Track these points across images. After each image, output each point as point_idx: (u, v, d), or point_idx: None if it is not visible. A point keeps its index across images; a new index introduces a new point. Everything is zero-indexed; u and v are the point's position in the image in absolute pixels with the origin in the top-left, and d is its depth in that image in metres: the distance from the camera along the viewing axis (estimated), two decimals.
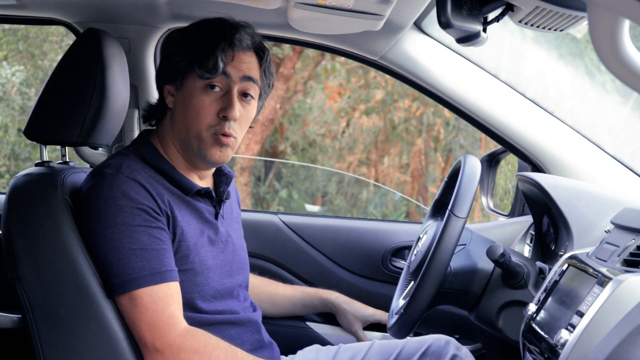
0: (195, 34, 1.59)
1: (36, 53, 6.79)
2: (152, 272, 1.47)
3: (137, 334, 1.47)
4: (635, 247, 1.32)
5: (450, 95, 2.07)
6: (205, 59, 1.55)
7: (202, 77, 1.56)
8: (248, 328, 1.67)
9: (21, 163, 6.68)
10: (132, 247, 1.46)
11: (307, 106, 7.32)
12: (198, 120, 1.56)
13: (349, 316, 2.00)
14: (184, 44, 1.59)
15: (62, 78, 1.62)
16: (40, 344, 1.49)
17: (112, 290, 1.48)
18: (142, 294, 1.46)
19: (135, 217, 1.47)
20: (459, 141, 7.09)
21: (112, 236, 1.46)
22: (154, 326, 1.46)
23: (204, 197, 1.64)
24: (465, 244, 1.73)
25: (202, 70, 1.55)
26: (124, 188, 1.48)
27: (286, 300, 2.01)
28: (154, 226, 1.49)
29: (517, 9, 1.41)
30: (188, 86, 1.58)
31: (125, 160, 1.55)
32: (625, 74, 0.74)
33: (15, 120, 6.68)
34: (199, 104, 1.56)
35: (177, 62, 1.58)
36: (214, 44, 1.56)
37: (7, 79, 6.66)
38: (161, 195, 1.53)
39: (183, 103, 1.59)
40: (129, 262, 1.46)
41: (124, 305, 1.48)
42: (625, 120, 2.43)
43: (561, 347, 1.26)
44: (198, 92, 1.57)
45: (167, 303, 1.47)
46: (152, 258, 1.47)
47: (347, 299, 2.02)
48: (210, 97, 1.57)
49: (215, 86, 1.57)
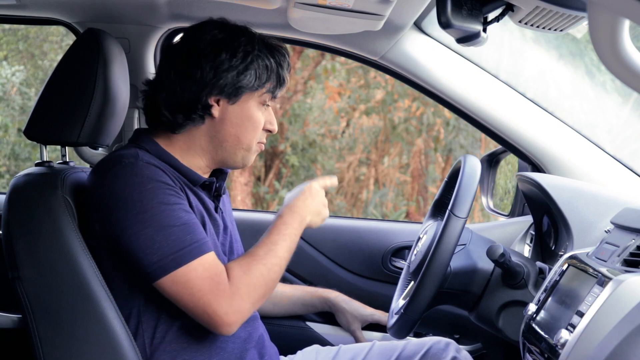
0: (266, 59, 1.61)
1: (36, 53, 6.79)
2: (200, 242, 1.48)
3: (196, 306, 1.46)
4: (635, 247, 1.32)
5: (450, 95, 2.07)
6: (274, 82, 1.62)
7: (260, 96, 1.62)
8: (246, 326, 1.67)
9: (21, 163, 6.68)
10: (177, 224, 1.47)
11: (307, 106, 7.32)
12: (254, 133, 1.62)
13: (348, 316, 2.01)
14: (254, 65, 1.59)
15: (62, 78, 1.62)
16: (40, 344, 1.49)
17: (165, 268, 1.45)
18: (197, 265, 1.46)
19: (169, 196, 1.49)
20: (459, 141, 7.09)
21: (153, 218, 1.45)
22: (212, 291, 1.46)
23: (205, 189, 1.65)
24: (465, 244, 1.73)
25: (268, 93, 1.62)
26: (147, 173, 1.49)
27: (286, 299, 2.02)
28: (184, 202, 1.52)
29: (517, 9, 1.41)
30: (247, 101, 1.61)
31: (137, 150, 1.55)
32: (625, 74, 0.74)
33: (15, 120, 6.68)
34: (257, 120, 1.63)
35: (244, 80, 1.58)
36: (282, 72, 1.63)
37: (7, 79, 6.66)
38: (176, 180, 1.55)
39: (239, 117, 1.60)
40: (179, 238, 1.46)
41: (178, 280, 1.45)
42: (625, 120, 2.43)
43: (561, 347, 1.26)
44: (256, 108, 1.62)
45: (217, 265, 1.49)
46: (195, 230, 1.49)
47: (346, 298, 2.03)
48: (264, 113, 1.65)
49: (267, 104, 1.65)
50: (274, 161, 7.28)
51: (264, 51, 1.61)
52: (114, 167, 1.50)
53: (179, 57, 1.59)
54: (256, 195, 7.11)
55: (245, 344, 1.63)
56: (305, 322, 2.11)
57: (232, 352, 1.60)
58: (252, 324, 1.69)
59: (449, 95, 2.08)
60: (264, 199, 7.14)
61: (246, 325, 1.66)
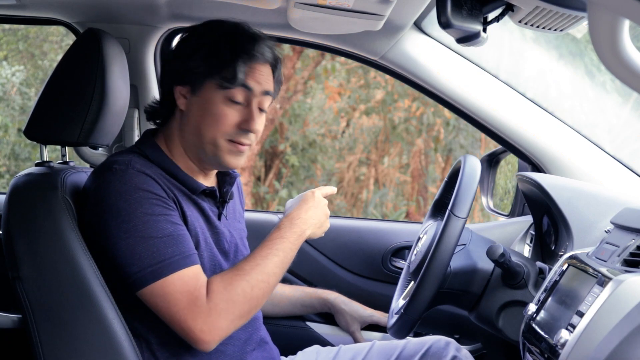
0: (216, 41, 1.57)
1: (36, 53, 6.79)
2: (182, 255, 1.47)
3: (172, 318, 1.45)
4: (635, 247, 1.32)
5: (450, 95, 2.07)
6: (225, 69, 1.55)
7: (222, 87, 1.55)
8: (247, 327, 1.67)
9: (21, 163, 6.68)
10: (159, 236, 1.46)
11: (307, 106, 7.32)
12: (216, 128, 1.56)
13: (347, 317, 2.01)
14: (204, 49, 1.56)
15: (62, 78, 1.62)
16: (40, 344, 1.49)
17: (145, 279, 1.45)
18: (174, 279, 1.45)
19: (155, 207, 1.47)
20: (459, 141, 7.09)
21: (136, 228, 1.45)
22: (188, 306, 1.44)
23: (208, 196, 1.64)
24: (465, 244, 1.73)
25: (222, 80, 1.55)
26: (136, 181, 1.48)
27: (285, 299, 2.02)
28: (172, 214, 1.50)
29: (517, 9, 1.41)
30: (207, 93, 1.56)
31: (133, 157, 1.54)
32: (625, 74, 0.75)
33: (15, 120, 6.68)
34: (219, 114, 1.56)
35: (195, 67, 1.56)
36: (235, 55, 1.55)
37: (7, 79, 6.66)
38: (170, 189, 1.54)
39: (200, 109, 1.57)
40: (159, 250, 1.45)
41: (156, 293, 1.45)
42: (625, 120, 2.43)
43: (561, 347, 1.26)
44: (219, 102, 1.56)
45: (197, 280, 1.47)
46: (179, 243, 1.47)
47: (345, 299, 2.03)
48: (232, 109, 1.57)
49: (237, 102, 1.57)
50: (274, 161, 7.28)
51: (219, 32, 1.58)
52: (105, 174, 1.51)
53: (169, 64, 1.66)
54: (256, 195, 7.11)
55: (246, 346, 1.63)
56: (305, 323, 2.11)
57: (233, 355, 1.59)
58: (253, 326, 1.69)
59: (449, 95, 2.08)
60: (264, 199, 7.13)
61: (247, 326, 1.66)
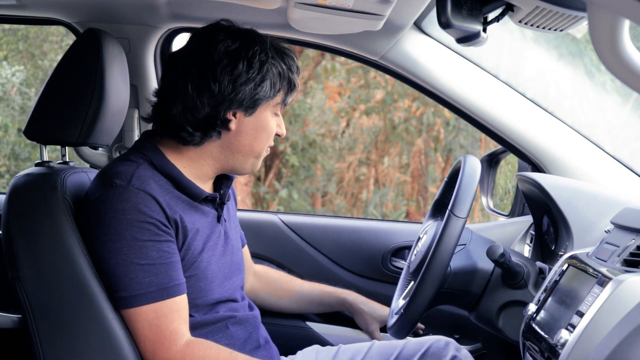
0: (279, 66, 1.59)
1: (36, 53, 6.78)
2: (159, 287, 1.47)
3: (140, 348, 1.49)
4: (635, 247, 1.32)
5: (450, 95, 2.07)
6: (284, 90, 1.62)
7: (279, 105, 1.63)
8: (247, 327, 1.67)
9: (21, 163, 6.67)
10: (140, 263, 1.47)
11: (307, 106, 7.32)
12: (267, 142, 1.64)
13: (367, 317, 1.99)
14: (269, 75, 1.58)
15: (62, 78, 1.62)
16: (40, 344, 1.49)
17: (118, 303, 1.49)
18: (148, 310, 1.47)
19: (145, 231, 1.47)
20: (459, 141, 7.09)
21: (121, 250, 1.46)
22: (156, 343, 1.47)
23: (208, 201, 1.64)
24: (465, 244, 1.73)
25: (283, 99, 1.63)
26: (134, 201, 1.47)
27: (304, 297, 2.00)
28: (162, 240, 1.49)
29: (517, 9, 1.41)
30: (263, 112, 1.60)
31: (136, 170, 1.52)
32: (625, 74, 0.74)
33: (15, 120, 6.67)
34: (272, 129, 1.63)
35: (263, 93, 1.57)
36: (292, 77, 1.63)
37: (7, 79, 6.65)
38: (170, 206, 1.52)
39: (255, 128, 1.60)
40: (136, 277, 1.46)
41: (128, 319, 1.49)
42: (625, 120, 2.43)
43: (561, 347, 1.26)
44: (270, 117, 1.62)
45: (172, 319, 1.48)
46: (160, 273, 1.48)
47: (364, 299, 2.00)
48: (276, 120, 1.65)
49: (278, 112, 1.66)
50: (274, 161, 7.28)
51: (276, 58, 1.60)
52: (105, 186, 1.50)
53: (194, 69, 1.55)
54: (256, 195, 7.11)
55: (245, 345, 1.64)
56: (305, 322, 2.11)
57: None
58: (252, 325, 1.69)
59: (449, 95, 2.07)
60: (264, 199, 7.13)
61: (246, 326, 1.67)
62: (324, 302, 2.01)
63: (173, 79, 1.57)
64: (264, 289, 1.98)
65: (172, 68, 1.60)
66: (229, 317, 1.63)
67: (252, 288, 1.97)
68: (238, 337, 1.62)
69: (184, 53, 1.60)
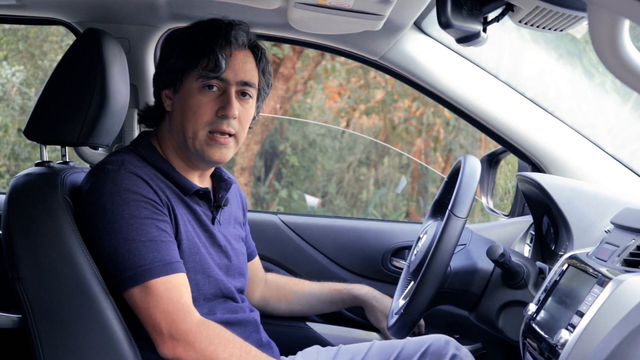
0: (192, 35, 1.60)
1: (36, 53, 6.78)
2: (163, 262, 1.47)
3: (152, 323, 1.46)
4: (635, 247, 1.32)
5: (450, 95, 2.07)
6: (203, 58, 1.57)
7: (203, 77, 1.57)
8: (247, 328, 1.67)
9: (21, 163, 6.68)
10: (142, 239, 1.46)
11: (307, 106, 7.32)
12: (195, 119, 1.57)
13: (378, 313, 1.98)
14: (181, 45, 1.60)
15: (62, 78, 1.62)
16: (40, 344, 1.49)
17: (125, 282, 1.47)
18: (157, 284, 1.46)
19: (142, 209, 1.48)
20: (459, 141, 7.09)
21: (121, 230, 1.46)
22: (169, 313, 1.45)
23: (202, 199, 1.64)
24: (465, 244, 1.73)
25: (204, 70, 1.57)
26: (127, 182, 1.49)
27: (314, 298, 2.00)
28: (160, 219, 1.50)
29: (517, 9, 1.41)
30: (186, 88, 1.59)
31: (126, 157, 1.55)
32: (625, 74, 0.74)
33: (15, 120, 6.67)
34: (196, 104, 1.57)
35: (174, 64, 1.59)
36: (212, 42, 1.57)
37: (7, 79, 6.65)
38: (163, 191, 1.55)
39: (181, 105, 1.59)
40: (140, 254, 1.46)
41: (137, 297, 1.47)
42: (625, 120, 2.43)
43: (561, 347, 1.26)
44: (195, 93, 1.58)
45: (181, 292, 1.48)
46: (161, 249, 1.48)
47: (377, 294, 1.99)
48: (208, 96, 1.58)
49: (213, 86, 1.58)
50: (274, 161, 7.28)
51: (196, 27, 1.60)
52: (97, 173, 1.52)
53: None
54: (256, 195, 7.11)
55: None
56: (305, 323, 2.11)
57: None
58: (252, 326, 1.69)
59: (449, 95, 2.07)
60: (264, 199, 7.13)
61: (246, 326, 1.66)
62: (335, 300, 2.00)
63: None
64: (273, 295, 1.98)
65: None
66: (227, 319, 1.63)
67: (263, 296, 1.97)
68: None
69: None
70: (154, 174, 1.56)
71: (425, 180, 7.36)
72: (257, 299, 1.95)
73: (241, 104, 1.61)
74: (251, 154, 6.92)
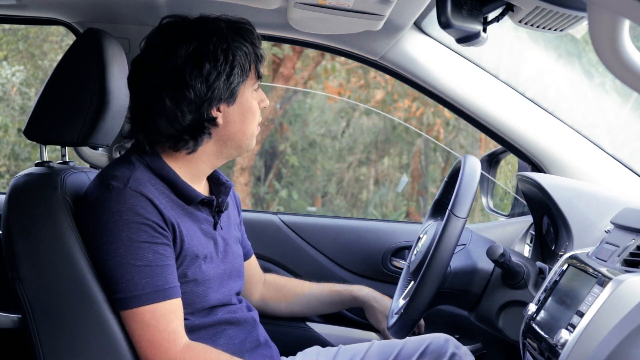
0: (233, 45, 1.56)
1: (36, 53, 6.78)
2: (155, 289, 1.47)
3: (138, 348, 1.49)
4: (635, 247, 1.32)
5: (450, 95, 2.07)
6: (255, 64, 1.60)
7: (258, 78, 1.62)
8: (245, 327, 1.67)
9: (21, 163, 6.68)
10: (137, 264, 1.46)
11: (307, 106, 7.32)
12: (254, 118, 1.63)
13: (378, 314, 1.98)
14: (237, 60, 1.56)
15: (62, 78, 1.62)
16: (40, 344, 1.49)
17: (115, 305, 1.49)
18: (145, 311, 1.47)
19: (141, 232, 1.47)
20: (459, 141, 7.09)
21: (117, 252, 1.47)
22: (154, 343, 1.47)
23: (204, 205, 1.64)
24: (465, 244, 1.73)
25: (256, 78, 1.62)
26: (130, 203, 1.48)
27: (314, 299, 1.99)
28: (159, 242, 1.49)
29: (517, 9, 1.41)
30: (242, 96, 1.59)
31: (133, 173, 1.52)
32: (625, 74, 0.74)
33: (15, 120, 6.68)
34: (254, 105, 1.63)
35: (236, 79, 1.56)
36: (257, 50, 1.61)
37: (7, 79, 6.66)
38: (167, 209, 1.52)
39: (240, 114, 1.60)
40: (133, 279, 1.46)
41: (126, 320, 1.49)
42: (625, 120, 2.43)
43: (561, 347, 1.26)
44: (251, 98, 1.62)
45: (169, 320, 1.48)
46: (155, 275, 1.48)
47: (377, 295, 1.99)
48: (255, 97, 1.64)
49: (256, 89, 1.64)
50: (274, 161, 7.28)
51: (237, 40, 1.58)
52: (102, 188, 1.51)
53: (163, 80, 1.53)
54: (256, 195, 7.11)
55: (244, 345, 1.64)
56: (305, 323, 2.11)
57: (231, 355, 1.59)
58: (251, 325, 1.69)
59: (449, 95, 2.07)
60: (264, 199, 7.13)
61: (245, 326, 1.66)
62: (335, 302, 1.99)
63: (144, 94, 1.57)
64: (273, 297, 1.98)
65: (137, 81, 1.59)
66: (226, 319, 1.63)
67: (262, 297, 1.97)
68: (237, 338, 1.62)
69: (146, 63, 1.58)
70: (158, 189, 1.54)
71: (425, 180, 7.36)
72: (256, 300, 1.95)
73: None
74: (251, 154, 6.92)
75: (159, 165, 1.57)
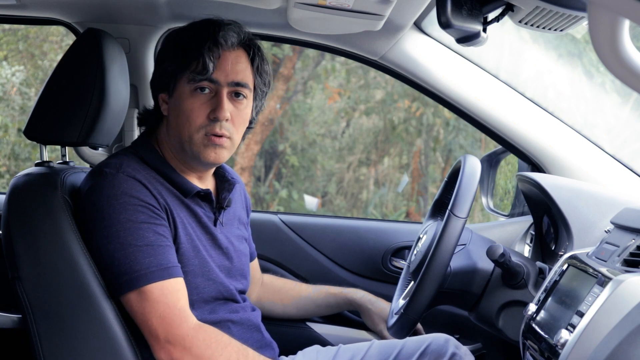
0: (182, 37, 1.60)
1: (36, 53, 6.78)
2: (160, 267, 1.47)
3: (149, 328, 1.46)
4: (635, 247, 1.32)
5: (450, 95, 2.07)
6: (192, 61, 1.56)
7: (193, 80, 1.56)
8: (248, 328, 1.67)
9: (21, 163, 6.68)
10: (138, 244, 1.46)
11: (307, 106, 7.32)
12: (189, 123, 1.56)
13: (374, 316, 1.98)
14: (173, 49, 1.60)
15: (62, 78, 1.62)
16: (40, 344, 1.49)
17: (121, 287, 1.47)
18: (153, 289, 1.46)
19: (139, 214, 1.48)
20: (459, 141, 7.09)
21: (118, 234, 1.46)
22: (165, 319, 1.46)
23: (204, 200, 1.64)
24: (465, 244, 1.73)
25: (192, 73, 1.56)
26: (125, 186, 1.49)
27: (310, 302, 2.00)
28: (157, 223, 1.50)
29: (517, 9, 1.41)
30: (178, 91, 1.58)
31: (125, 160, 1.55)
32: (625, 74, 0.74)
33: (15, 120, 6.68)
34: (189, 107, 1.56)
35: (167, 68, 1.59)
36: (199, 45, 1.56)
37: (7, 79, 6.65)
38: (161, 194, 1.54)
39: (176, 109, 1.59)
40: (137, 259, 1.46)
41: (134, 302, 1.47)
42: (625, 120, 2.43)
43: (561, 347, 1.26)
44: (187, 96, 1.57)
45: (178, 297, 1.48)
46: (158, 254, 1.47)
47: (372, 298, 1.99)
48: (200, 99, 1.57)
49: (205, 88, 1.57)
50: (274, 161, 7.28)
51: (187, 29, 1.60)
52: (95, 176, 1.52)
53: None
54: (256, 195, 7.11)
55: (246, 345, 1.63)
56: (305, 323, 2.11)
57: None
58: (253, 325, 1.69)
59: (449, 95, 2.07)
60: (264, 199, 7.13)
61: (248, 326, 1.67)
62: (330, 304, 2.00)
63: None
64: (269, 298, 1.98)
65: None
66: (229, 318, 1.63)
67: (258, 298, 1.97)
68: (239, 337, 1.62)
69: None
70: (153, 177, 1.56)
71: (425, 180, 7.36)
72: (253, 300, 1.95)
73: (234, 105, 1.59)
74: (251, 154, 6.93)
75: (153, 158, 1.60)
